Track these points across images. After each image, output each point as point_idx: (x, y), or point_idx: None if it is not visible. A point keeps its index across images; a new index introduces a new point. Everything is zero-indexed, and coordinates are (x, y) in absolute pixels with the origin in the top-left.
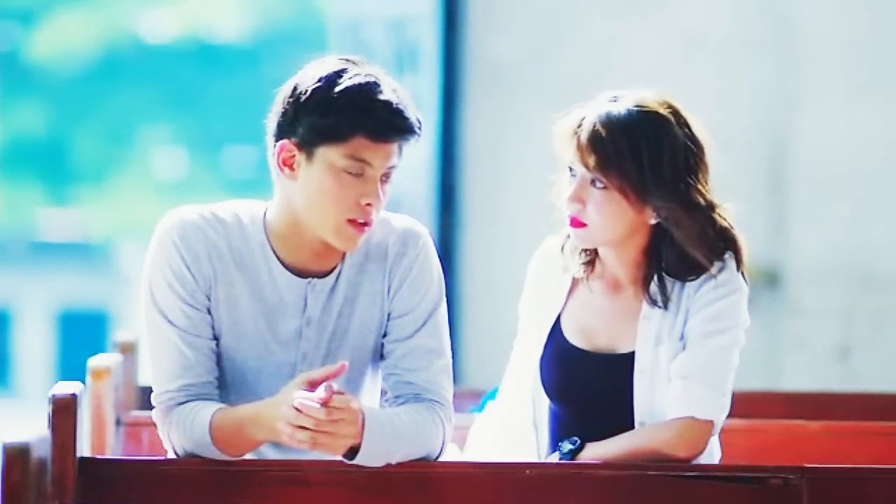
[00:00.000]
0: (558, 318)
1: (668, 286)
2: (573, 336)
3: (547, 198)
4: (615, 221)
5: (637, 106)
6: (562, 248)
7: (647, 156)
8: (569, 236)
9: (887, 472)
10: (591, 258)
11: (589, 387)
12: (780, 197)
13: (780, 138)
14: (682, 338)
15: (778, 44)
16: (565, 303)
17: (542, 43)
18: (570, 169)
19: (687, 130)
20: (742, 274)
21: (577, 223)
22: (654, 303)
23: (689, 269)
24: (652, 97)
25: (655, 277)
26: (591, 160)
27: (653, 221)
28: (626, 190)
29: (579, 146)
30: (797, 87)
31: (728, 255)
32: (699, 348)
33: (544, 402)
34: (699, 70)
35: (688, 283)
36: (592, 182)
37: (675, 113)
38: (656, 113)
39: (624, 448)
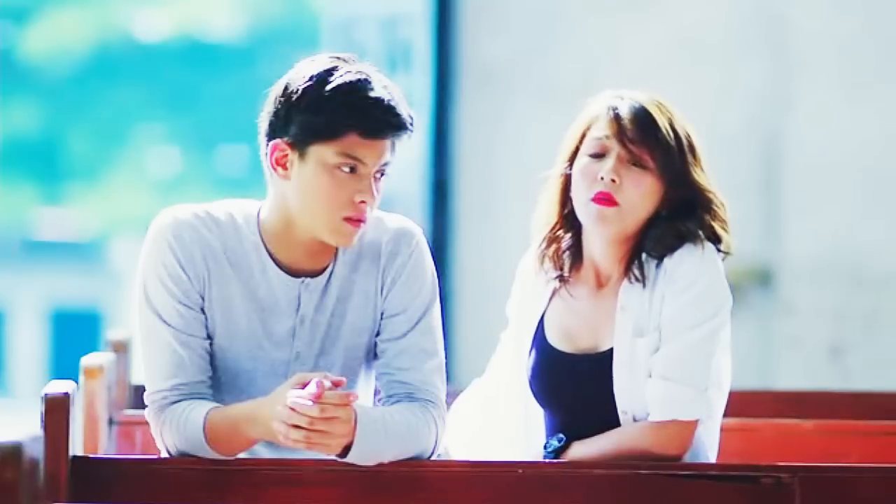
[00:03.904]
0: (541, 322)
1: (647, 265)
2: (556, 340)
3: (539, 195)
4: (647, 202)
5: (649, 97)
6: (542, 258)
7: (682, 135)
8: (551, 241)
9: (880, 471)
10: (575, 261)
11: (575, 389)
12: (773, 196)
13: (773, 138)
14: (660, 327)
15: (771, 43)
16: (547, 307)
17: (535, 42)
18: (595, 154)
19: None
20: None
21: (610, 201)
22: (633, 280)
23: (672, 244)
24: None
25: (636, 259)
26: (638, 136)
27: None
28: (666, 169)
29: (623, 123)
30: (790, 87)
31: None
32: (679, 343)
33: (536, 409)
34: (692, 70)
35: (664, 263)
36: (629, 162)
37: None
38: (664, 103)
39: (609, 447)
